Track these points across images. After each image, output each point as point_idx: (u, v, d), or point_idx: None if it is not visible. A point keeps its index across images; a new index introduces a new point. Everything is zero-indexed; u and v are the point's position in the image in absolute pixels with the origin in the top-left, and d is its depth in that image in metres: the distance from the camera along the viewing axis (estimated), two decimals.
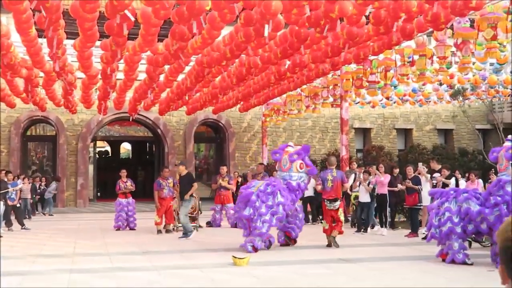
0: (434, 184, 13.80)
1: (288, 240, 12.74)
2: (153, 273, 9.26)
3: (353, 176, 16.77)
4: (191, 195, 14.80)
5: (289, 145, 13.14)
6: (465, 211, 9.80)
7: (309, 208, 17.80)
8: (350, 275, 9.09)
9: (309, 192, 16.13)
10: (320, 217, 15.88)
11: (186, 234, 14.16)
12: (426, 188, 14.28)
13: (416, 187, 14.22)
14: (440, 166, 14.27)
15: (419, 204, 14.34)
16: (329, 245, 12.43)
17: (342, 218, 12.52)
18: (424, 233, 14.75)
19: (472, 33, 11.87)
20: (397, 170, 15.69)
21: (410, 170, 14.88)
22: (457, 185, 13.69)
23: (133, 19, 9.91)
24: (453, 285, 8.01)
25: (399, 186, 15.18)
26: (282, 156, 12.74)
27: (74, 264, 10.27)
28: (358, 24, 11.07)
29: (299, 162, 12.45)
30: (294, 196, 12.29)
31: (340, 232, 12.48)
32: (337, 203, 12.35)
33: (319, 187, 12.49)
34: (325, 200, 12.39)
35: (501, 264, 1.71)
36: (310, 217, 17.70)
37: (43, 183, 22.07)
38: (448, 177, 13.56)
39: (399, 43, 12.86)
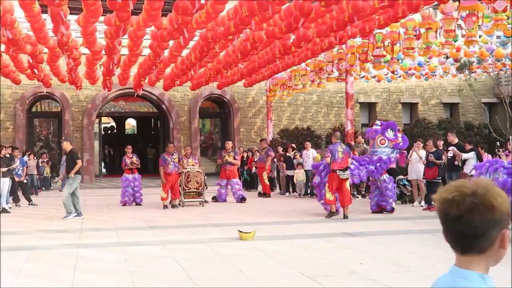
0: (449, 157, 13.85)
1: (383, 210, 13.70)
2: (160, 248, 9.34)
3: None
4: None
5: (375, 124, 14.17)
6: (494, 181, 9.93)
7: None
8: (354, 248, 9.14)
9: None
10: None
11: (69, 213, 13.48)
12: (416, 164, 15.10)
13: (438, 161, 14.20)
14: (457, 140, 14.22)
15: (438, 178, 14.32)
16: (331, 214, 12.86)
17: (349, 187, 13.24)
18: (418, 205, 14.88)
19: (477, 5, 11.74)
20: (441, 143, 15.35)
21: (430, 144, 14.79)
22: (480, 160, 13.66)
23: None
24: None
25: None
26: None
27: (82, 239, 10.37)
28: None
29: (379, 138, 13.48)
30: (380, 168, 13.47)
31: (350, 202, 13.15)
32: (348, 172, 13.03)
33: (328, 159, 12.96)
34: (337, 170, 12.82)
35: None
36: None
37: (44, 160, 22.10)
38: (466, 152, 13.60)
39: (405, 16, 12.74)
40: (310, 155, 18.82)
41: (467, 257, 1.65)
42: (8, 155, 15.77)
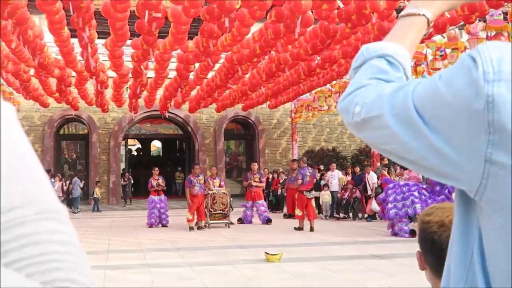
0: None
1: None
2: (187, 269, 9.35)
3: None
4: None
5: None
6: None
7: None
8: (382, 271, 9.05)
9: None
10: None
11: None
12: None
13: None
14: None
15: None
16: (300, 228, 14.45)
17: (314, 205, 15.30)
18: None
19: (505, 25, 11.68)
20: None
21: None
22: None
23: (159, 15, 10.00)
24: None
25: None
26: None
27: (109, 261, 10.42)
28: (389, 18, 10.98)
29: None
30: (444, 197, 13.36)
31: (315, 217, 15.04)
32: (313, 193, 15.10)
33: (299, 182, 14.79)
34: (304, 191, 14.77)
35: (420, 249, 1.70)
36: None
37: (72, 183, 22.36)
38: None
39: (431, 37, 12.71)
40: (336, 176, 18.72)
41: None
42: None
